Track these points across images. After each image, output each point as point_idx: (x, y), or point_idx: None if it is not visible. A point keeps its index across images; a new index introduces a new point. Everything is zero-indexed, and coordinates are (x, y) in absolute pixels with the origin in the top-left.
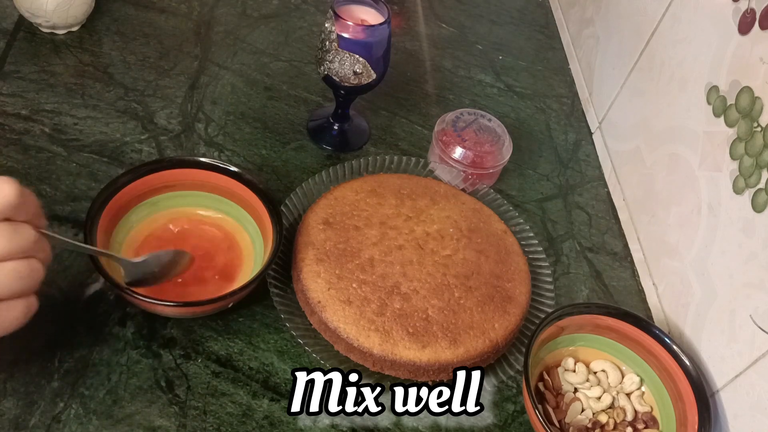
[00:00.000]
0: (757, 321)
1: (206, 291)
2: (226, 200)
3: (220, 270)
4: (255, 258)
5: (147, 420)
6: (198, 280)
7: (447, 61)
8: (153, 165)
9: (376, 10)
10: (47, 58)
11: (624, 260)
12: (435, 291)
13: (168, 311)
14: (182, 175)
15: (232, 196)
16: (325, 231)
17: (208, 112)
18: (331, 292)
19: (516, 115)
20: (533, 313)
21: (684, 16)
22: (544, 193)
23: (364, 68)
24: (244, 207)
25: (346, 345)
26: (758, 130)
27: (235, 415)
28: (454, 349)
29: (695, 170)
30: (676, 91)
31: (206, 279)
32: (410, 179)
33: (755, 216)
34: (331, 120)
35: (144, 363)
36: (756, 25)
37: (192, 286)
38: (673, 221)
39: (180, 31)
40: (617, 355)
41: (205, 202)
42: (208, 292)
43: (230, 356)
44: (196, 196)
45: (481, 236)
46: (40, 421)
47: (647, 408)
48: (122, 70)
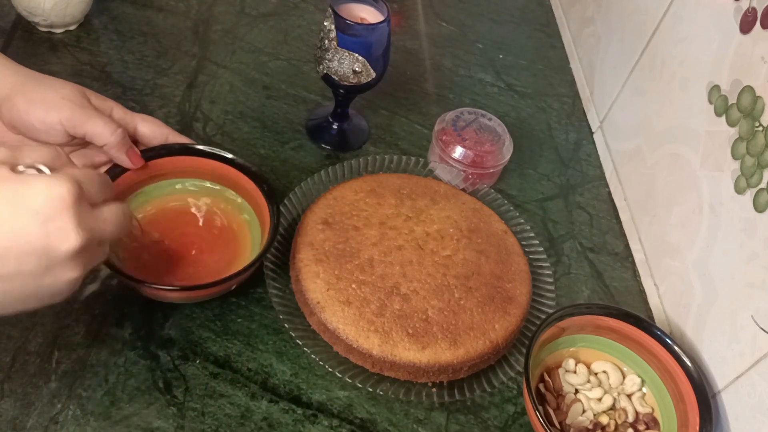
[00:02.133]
0: (759, 321)
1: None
2: (222, 186)
3: (220, 256)
4: (253, 243)
5: (145, 421)
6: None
7: (447, 59)
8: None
9: (376, 9)
10: (45, 57)
11: (625, 260)
12: (435, 291)
13: (171, 296)
14: (176, 162)
15: (227, 182)
16: (324, 231)
17: (206, 112)
18: (330, 293)
19: (516, 114)
20: (534, 313)
21: (685, 16)
22: (544, 193)
23: (363, 67)
24: (240, 192)
25: (346, 346)
26: (760, 130)
27: (234, 417)
28: (454, 350)
29: (696, 170)
30: (678, 91)
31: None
32: (410, 179)
33: (757, 216)
34: (330, 119)
35: (142, 364)
36: (757, 24)
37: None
38: (675, 221)
39: (178, 29)
40: (618, 356)
41: (200, 189)
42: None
43: (228, 357)
44: (190, 183)
45: (481, 236)
46: (37, 422)
47: (648, 409)
48: (120, 69)
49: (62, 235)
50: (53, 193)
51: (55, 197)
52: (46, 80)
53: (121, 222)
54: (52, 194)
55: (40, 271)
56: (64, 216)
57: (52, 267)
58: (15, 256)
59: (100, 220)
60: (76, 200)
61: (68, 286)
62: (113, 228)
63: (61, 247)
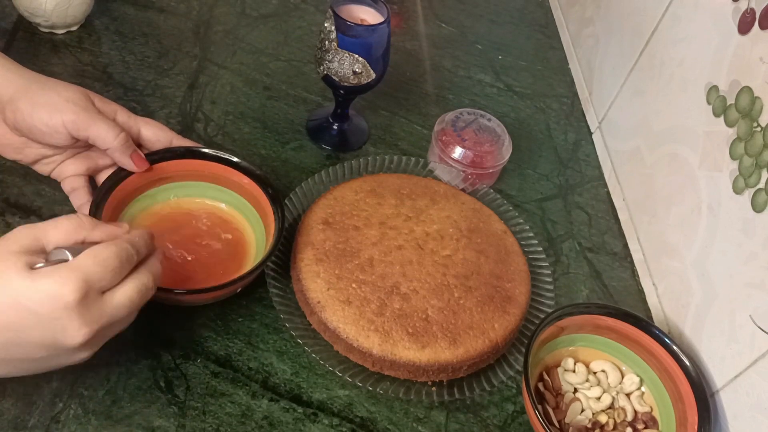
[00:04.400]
0: (757, 321)
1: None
2: (227, 190)
3: (224, 259)
4: (257, 246)
5: (146, 420)
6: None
7: (446, 60)
8: (151, 156)
9: (376, 10)
10: (46, 57)
11: (624, 260)
12: (435, 291)
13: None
14: (181, 165)
15: (231, 185)
16: (325, 231)
17: (207, 112)
18: (331, 292)
19: (516, 114)
20: (533, 313)
21: (684, 16)
22: (543, 193)
23: (363, 68)
24: (244, 195)
25: (346, 345)
26: (758, 130)
27: (235, 416)
28: (454, 350)
29: (695, 170)
30: (676, 91)
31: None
32: (410, 179)
33: (755, 216)
34: (330, 120)
35: (143, 363)
36: (756, 25)
37: (196, 276)
38: (673, 221)
39: (179, 30)
40: (617, 355)
41: (205, 192)
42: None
43: (229, 356)
44: (194, 187)
45: (480, 236)
46: (39, 421)
47: (647, 408)
48: (121, 70)
49: (66, 333)
50: (58, 300)
51: (57, 300)
52: (49, 83)
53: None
54: (56, 301)
55: (49, 356)
56: (66, 316)
57: (60, 355)
58: (24, 346)
59: (111, 308)
60: (79, 300)
61: (81, 360)
62: (125, 312)
63: (66, 342)
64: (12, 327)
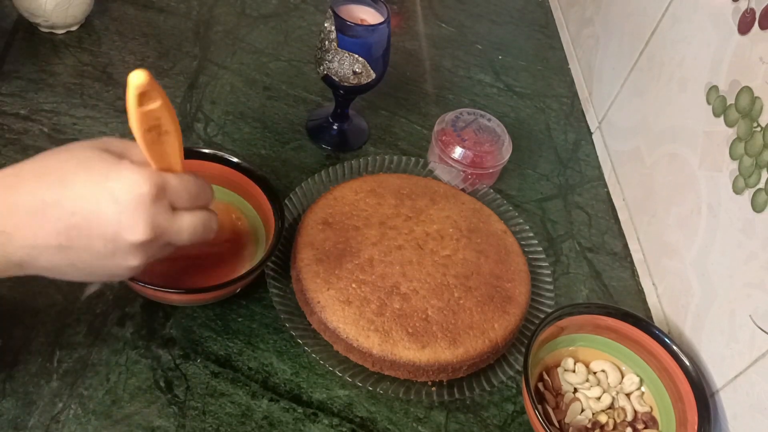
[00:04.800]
0: (757, 321)
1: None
2: (227, 190)
3: (224, 259)
4: (257, 246)
5: (146, 420)
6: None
7: (446, 60)
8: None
9: (376, 10)
10: (46, 57)
11: (624, 260)
12: (434, 291)
13: (175, 299)
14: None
15: (231, 185)
16: (325, 231)
17: (207, 112)
18: (331, 292)
19: (515, 114)
20: (533, 313)
21: (684, 16)
22: (543, 193)
23: (363, 68)
24: (244, 196)
25: (346, 345)
26: (758, 130)
27: (235, 416)
28: (454, 350)
29: (695, 170)
30: (676, 91)
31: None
32: (410, 179)
33: (755, 216)
34: (330, 120)
35: (143, 363)
36: (756, 25)
37: (196, 275)
38: (673, 221)
39: (179, 30)
40: (617, 355)
41: None
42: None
43: (229, 356)
44: None
45: (480, 236)
46: (39, 421)
47: (647, 408)
48: (121, 70)
49: (132, 227)
50: (136, 188)
51: (136, 191)
52: None
53: (197, 233)
54: (135, 188)
55: (105, 252)
56: (139, 211)
57: (116, 252)
58: (87, 234)
59: (175, 224)
60: (154, 199)
61: (127, 271)
62: (185, 236)
63: (127, 237)
64: (86, 211)
